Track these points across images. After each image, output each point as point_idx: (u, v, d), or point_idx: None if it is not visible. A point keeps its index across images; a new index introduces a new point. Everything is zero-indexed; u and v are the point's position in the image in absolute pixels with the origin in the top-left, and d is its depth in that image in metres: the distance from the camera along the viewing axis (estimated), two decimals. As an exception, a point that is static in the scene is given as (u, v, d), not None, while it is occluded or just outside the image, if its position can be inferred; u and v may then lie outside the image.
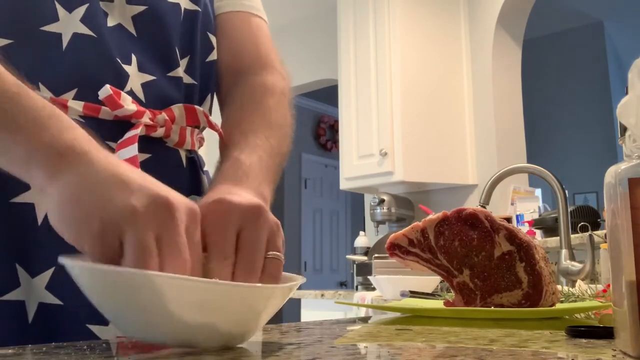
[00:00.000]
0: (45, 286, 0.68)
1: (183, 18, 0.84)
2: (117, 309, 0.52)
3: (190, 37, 0.85)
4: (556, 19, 5.96)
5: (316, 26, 4.55)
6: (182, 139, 0.81)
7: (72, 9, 0.74)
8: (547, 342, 0.58)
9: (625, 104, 0.50)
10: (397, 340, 0.62)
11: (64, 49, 0.72)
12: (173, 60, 0.81)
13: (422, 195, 3.66)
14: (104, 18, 0.76)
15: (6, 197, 0.69)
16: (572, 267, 1.57)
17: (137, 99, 0.77)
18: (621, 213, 0.48)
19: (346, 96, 3.62)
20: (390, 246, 0.91)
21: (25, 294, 0.68)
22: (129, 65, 0.76)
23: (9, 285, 0.67)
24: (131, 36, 0.78)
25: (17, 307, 0.68)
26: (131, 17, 0.78)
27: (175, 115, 0.80)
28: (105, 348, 0.55)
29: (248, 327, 0.55)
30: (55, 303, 0.68)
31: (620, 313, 0.49)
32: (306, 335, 0.65)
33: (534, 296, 0.83)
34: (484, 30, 3.49)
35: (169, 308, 0.49)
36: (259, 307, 0.53)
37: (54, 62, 0.72)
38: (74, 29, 0.73)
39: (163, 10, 0.81)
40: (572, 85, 6.25)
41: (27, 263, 0.68)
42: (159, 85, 0.79)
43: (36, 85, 0.70)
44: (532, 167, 1.73)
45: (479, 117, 3.48)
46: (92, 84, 0.73)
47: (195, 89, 0.85)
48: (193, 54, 0.85)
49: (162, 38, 0.81)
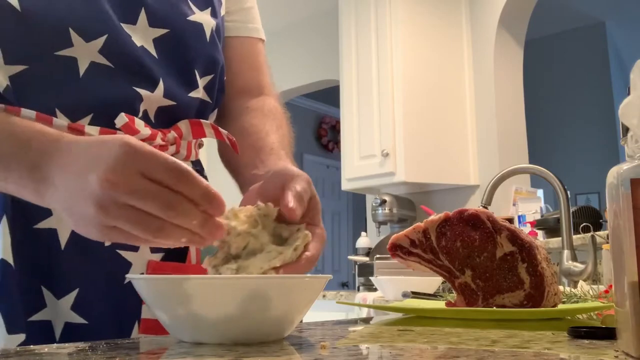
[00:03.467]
0: (71, 307, 0.72)
1: (210, 37, 0.86)
2: (172, 314, 0.56)
3: (215, 57, 0.87)
4: (558, 20, 5.95)
5: (317, 27, 4.55)
6: (188, 153, 0.84)
7: (89, 39, 0.74)
8: (549, 343, 0.58)
9: (628, 104, 0.50)
10: (399, 341, 0.62)
11: (81, 76, 0.74)
12: (193, 81, 0.84)
13: (424, 196, 3.66)
14: (128, 45, 0.77)
15: (30, 223, 0.72)
16: (574, 267, 1.57)
17: (149, 120, 0.79)
18: (623, 213, 0.47)
19: (348, 97, 3.62)
20: (392, 247, 0.91)
21: (51, 314, 0.71)
22: (151, 91, 0.78)
23: (36, 307, 0.71)
24: (154, 59, 0.79)
25: (45, 326, 0.71)
26: (152, 39, 0.80)
27: (182, 131, 0.82)
28: (106, 349, 0.55)
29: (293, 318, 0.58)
30: (80, 322, 0.72)
31: (622, 314, 0.49)
32: (308, 335, 0.65)
33: (536, 297, 0.82)
34: (485, 31, 3.49)
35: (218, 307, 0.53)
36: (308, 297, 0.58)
37: (70, 88, 0.74)
38: (92, 58, 0.74)
39: (185, 32, 0.83)
40: (574, 86, 6.24)
41: (52, 285, 0.72)
42: (176, 108, 0.81)
43: (52, 110, 0.72)
44: (534, 167, 1.72)
45: (481, 117, 3.48)
46: (107, 110, 0.75)
47: (209, 106, 0.88)
48: (215, 74, 0.87)
49: (182, 60, 0.83)
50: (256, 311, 0.54)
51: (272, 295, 0.54)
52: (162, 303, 0.56)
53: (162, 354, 0.53)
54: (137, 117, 0.77)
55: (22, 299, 0.70)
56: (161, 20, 0.80)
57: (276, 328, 0.58)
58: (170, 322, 0.57)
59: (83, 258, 0.72)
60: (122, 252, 0.74)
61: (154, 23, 0.80)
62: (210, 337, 0.55)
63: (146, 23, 0.79)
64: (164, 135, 0.79)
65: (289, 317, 0.58)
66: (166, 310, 0.56)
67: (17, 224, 0.68)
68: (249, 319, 0.55)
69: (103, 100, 0.75)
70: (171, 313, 0.56)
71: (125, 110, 0.75)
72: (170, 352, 0.52)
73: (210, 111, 0.89)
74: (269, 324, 0.57)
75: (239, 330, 0.55)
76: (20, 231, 0.71)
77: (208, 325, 0.54)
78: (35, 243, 0.71)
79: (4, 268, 0.69)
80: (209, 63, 0.86)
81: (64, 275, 0.72)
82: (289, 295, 0.56)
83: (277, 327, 0.58)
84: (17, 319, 0.68)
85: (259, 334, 0.57)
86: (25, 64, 0.72)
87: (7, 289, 0.69)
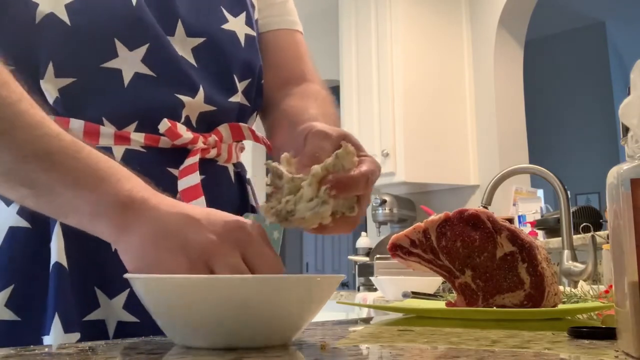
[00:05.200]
0: (122, 306, 0.74)
1: (244, 43, 0.88)
2: (170, 316, 0.54)
3: (251, 61, 0.89)
4: (558, 20, 5.95)
5: (317, 27, 4.54)
6: (229, 156, 0.87)
7: (132, 48, 0.77)
8: (550, 343, 0.58)
9: (628, 104, 0.50)
10: (399, 341, 0.62)
11: (126, 86, 0.77)
12: (233, 86, 0.86)
13: (424, 196, 3.66)
14: (170, 54, 0.79)
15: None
16: (575, 268, 1.57)
17: (191, 125, 0.81)
18: (623, 214, 0.47)
19: (348, 97, 3.62)
20: (392, 247, 0.91)
21: (104, 314, 0.74)
22: (192, 97, 0.80)
23: (90, 307, 0.73)
24: (193, 67, 0.82)
25: (99, 325, 0.74)
26: (191, 49, 0.83)
27: (222, 135, 0.85)
28: (106, 349, 0.55)
29: (301, 320, 0.56)
30: (132, 321, 0.74)
31: (622, 314, 0.49)
32: (308, 335, 0.65)
33: (536, 297, 0.82)
34: (485, 31, 3.49)
35: (217, 309, 0.51)
36: (316, 297, 0.56)
37: (115, 98, 0.77)
38: (136, 68, 0.77)
39: (221, 40, 0.85)
40: (574, 86, 6.24)
41: (104, 286, 0.74)
42: (216, 113, 0.84)
43: (99, 119, 0.76)
44: (534, 167, 1.72)
45: (481, 117, 3.48)
46: (151, 117, 0.78)
47: (248, 110, 0.90)
48: (253, 78, 0.89)
49: (221, 66, 0.85)
50: (258, 313, 0.52)
51: (275, 296, 0.52)
52: (160, 304, 0.54)
53: (162, 354, 0.53)
54: (180, 122, 0.79)
55: (77, 300, 0.72)
56: (197, 30, 0.83)
57: (282, 331, 0.55)
58: (168, 325, 0.55)
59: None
60: None
61: (190, 33, 0.83)
62: (208, 341, 0.53)
63: (184, 34, 0.82)
64: (205, 139, 0.81)
65: (296, 319, 0.55)
66: (163, 311, 0.54)
67: (70, 228, 0.69)
68: (252, 321, 0.52)
69: (147, 108, 0.78)
70: (169, 315, 0.54)
71: (168, 117, 0.78)
72: (171, 352, 0.52)
73: (249, 115, 0.91)
74: (274, 326, 0.54)
75: (239, 334, 0.52)
76: (73, 235, 0.72)
77: (207, 328, 0.52)
78: (87, 246, 0.73)
79: (59, 271, 0.71)
80: (245, 68, 0.88)
81: (115, 276, 0.73)
82: (295, 296, 0.53)
83: (282, 330, 0.55)
84: (72, 318, 0.71)
85: (262, 338, 0.54)
86: (74, 77, 0.75)
87: (62, 291, 0.71)
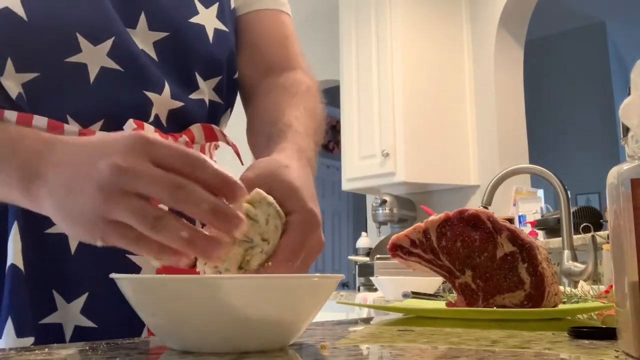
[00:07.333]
0: (80, 310, 0.72)
1: (213, 39, 0.85)
2: (159, 318, 0.51)
3: (220, 57, 0.85)
4: (558, 20, 5.95)
5: (317, 27, 4.54)
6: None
7: (96, 43, 0.74)
8: (550, 343, 0.58)
9: (628, 104, 0.50)
10: (399, 341, 0.62)
11: (91, 82, 0.74)
12: (193, 83, 0.83)
13: (424, 196, 3.66)
14: (132, 49, 0.77)
15: (41, 228, 0.72)
16: (575, 268, 1.57)
17: (160, 124, 0.78)
18: (624, 214, 0.47)
19: (348, 97, 3.62)
20: (392, 247, 0.91)
21: (62, 317, 0.72)
22: (159, 94, 0.78)
23: (47, 310, 0.72)
24: (154, 62, 0.79)
25: (55, 329, 0.72)
26: (152, 42, 0.80)
27: (194, 135, 0.82)
28: (107, 349, 0.55)
29: (299, 323, 0.54)
30: (89, 326, 0.73)
31: (622, 314, 0.49)
32: (308, 336, 0.65)
33: (536, 297, 0.82)
34: (486, 31, 3.49)
35: (215, 309, 0.48)
36: (315, 298, 0.54)
37: (81, 95, 0.74)
38: (101, 63, 0.75)
39: (186, 35, 0.82)
40: (574, 85, 6.24)
41: (62, 289, 0.73)
42: (185, 110, 0.81)
43: (64, 117, 0.73)
44: (534, 167, 1.72)
45: (481, 117, 3.48)
46: (119, 115, 0.75)
47: (221, 107, 0.87)
48: (222, 74, 0.86)
49: (182, 62, 0.82)
50: (255, 316, 0.49)
51: (273, 297, 0.50)
52: (148, 306, 0.51)
53: (162, 354, 0.53)
54: (149, 121, 0.77)
55: (33, 303, 0.70)
56: (160, 23, 0.80)
57: (279, 334, 0.53)
58: (158, 328, 0.53)
59: (93, 262, 0.73)
60: (131, 256, 0.74)
61: (153, 27, 0.80)
62: (199, 345, 0.50)
63: (146, 27, 0.79)
64: (175, 139, 0.79)
65: (294, 320, 0.53)
66: (153, 314, 0.52)
67: (28, 229, 0.68)
68: (247, 325, 0.49)
69: (114, 106, 0.75)
70: (158, 317, 0.51)
71: (137, 115, 0.75)
72: (170, 352, 0.52)
73: (222, 112, 0.88)
74: (270, 329, 0.51)
75: (235, 337, 0.50)
76: (31, 237, 0.71)
77: (201, 332, 0.50)
78: (45, 248, 0.72)
79: (15, 273, 0.70)
80: (212, 64, 0.85)
81: (74, 280, 0.72)
82: (292, 298, 0.51)
83: (279, 334, 0.53)
84: (26, 322, 0.69)
85: (258, 342, 0.51)
86: (36, 72, 0.72)
87: (17, 294, 0.69)
